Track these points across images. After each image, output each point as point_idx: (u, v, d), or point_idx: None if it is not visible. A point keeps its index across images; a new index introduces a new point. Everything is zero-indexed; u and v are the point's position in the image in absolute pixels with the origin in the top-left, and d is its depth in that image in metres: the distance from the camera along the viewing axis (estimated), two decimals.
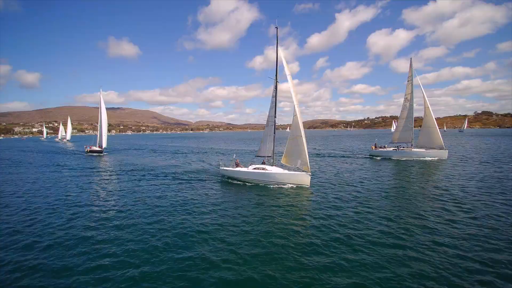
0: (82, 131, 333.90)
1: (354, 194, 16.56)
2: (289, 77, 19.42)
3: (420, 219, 12.07)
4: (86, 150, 49.41)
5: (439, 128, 35.63)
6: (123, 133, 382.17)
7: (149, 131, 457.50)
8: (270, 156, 21.60)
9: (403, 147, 37.01)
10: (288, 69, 19.60)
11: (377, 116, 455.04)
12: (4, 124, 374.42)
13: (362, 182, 20.15)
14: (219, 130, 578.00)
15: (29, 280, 7.89)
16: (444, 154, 33.75)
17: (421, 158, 33.93)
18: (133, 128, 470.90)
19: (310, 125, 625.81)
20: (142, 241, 10.26)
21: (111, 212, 13.97)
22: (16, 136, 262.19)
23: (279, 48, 20.55)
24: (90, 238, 10.56)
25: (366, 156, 38.43)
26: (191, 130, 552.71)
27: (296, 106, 19.36)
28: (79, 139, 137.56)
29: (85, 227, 11.83)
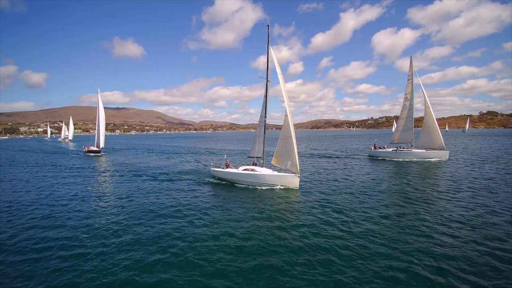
0: (87, 130, 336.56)
1: (345, 197, 15.94)
2: (280, 76, 18.88)
3: (414, 226, 11.45)
4: (84, 150, 49.37)
5: (441, 128, 34.81)
6: (127, 133, 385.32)
7: (153, 131, 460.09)
8: (260, 157, 21.07)
9: (403, 148, 36.20)
10: (279, 68, 19.03)
11: (381, 116, 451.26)
12: (10, 124, 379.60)
13: (356, 184, 19.47)
14: (222, 130, 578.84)
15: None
16: (445, 155, 32.88)
17: (421, 159, 33.10)
18: (137, 128, 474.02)
19: (313, 125, 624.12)
20: (120, 242, 9.83)
21: (98, 211, 13.64)
22: (21, 136, 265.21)
23: (270, 47, 19.98)
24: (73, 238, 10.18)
25: (364, 157, 37.63)
26: (194, 130, 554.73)
27: (287, 106, 18.79)
28: (82, 138, 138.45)
29: (66, 226, 11.46)
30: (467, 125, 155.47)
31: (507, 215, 12.32)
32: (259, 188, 18.53)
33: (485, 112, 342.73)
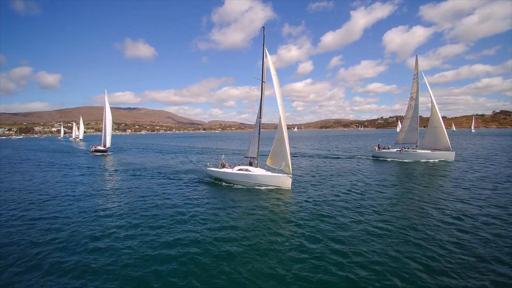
0: (100, 130, 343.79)
1: (341, 198, 15.71)
2: (274, 78, 18.76)
3: (410, 229, 11.19)
4: (91, 149, 50.50)
5: (448, 128, 33.84)
6: (138, 133, 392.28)
7: (163, 131, 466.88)
8: (254, 157, 21.09)
9: (407, 148, 35.41)
10: (274, 69, 18.93)
11: (391, 116, 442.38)
12: (25, 123, 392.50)
13: (352, 185, 19.15)
14: (231, 129, 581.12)
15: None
16: (450, 156, 31.96)
17: (426, 160, 32.31)
18: (147, 127, 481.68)
19: (322, 125, 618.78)
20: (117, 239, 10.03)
21: (98, 209, 14.03)
22: (35, 135, 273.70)
23: (265, 49, 19.82)
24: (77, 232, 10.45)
25: (368, 158, 36.99)
26: (203, 129, 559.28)
27: (280, 108, 18.68)
28: (92, 138, 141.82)
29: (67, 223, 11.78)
30: (473, 124, 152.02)
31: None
32: (252, 188, 18.57)
33: (498, 111, 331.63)
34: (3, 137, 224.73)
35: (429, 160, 32.06)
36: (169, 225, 11.90)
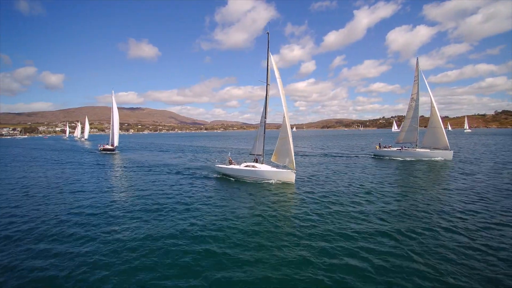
0: (103, 130, 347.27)
1: (341, 192, 16.90)
2: (278, 80, 20.15)
3: (408, 219, 12.36)
4: (99, 148, 52.03)
5: (444, 128, 34.85)
6: (140, 132, 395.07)
7: (165, 130, 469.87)
8: (260, 155, 22.51)
9: (407, 148, 36.53)
10: (278, 73, 20.29)
11: (393, 116, 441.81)
12: (30, 123, 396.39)
13: (353, 180, 20.38)
14: (233, 129, 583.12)
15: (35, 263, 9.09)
16: (449, 154, 33.02)
17: (425, 159, 33.38)
18: (150, 127, 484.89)
19: (324, 125, 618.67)
20: (129, 230, 11.30)
21: (117, 202, 15.31)
22: (39, 135, 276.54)
23: (269, 53, 21.18)
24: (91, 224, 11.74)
25: (369, 156, 38.13)
26: (206, 129, 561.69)
27: (284, 109, 20.01)
28: (97, 138, 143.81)
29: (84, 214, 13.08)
30: (466, 125, 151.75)
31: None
32: (259, 183, 20.01)
33: (500, 111, 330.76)
34: (8, 137, 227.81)
35: (429, 159, 33.14)
36: (191, 215, 13.15)
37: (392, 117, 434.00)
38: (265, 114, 21.89)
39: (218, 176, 22.96)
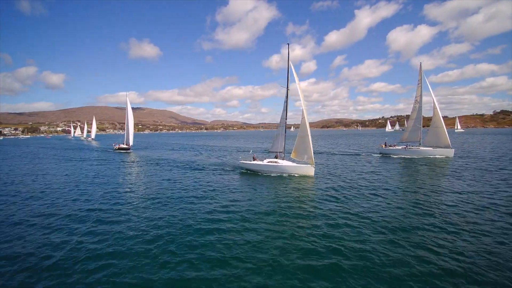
0: (103, 130, 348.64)
1: (353, 185, 19.12)
2: (298, 86, 22.55)
3: (419, 213, 14.55)
4: (114, 147, 54.19)
5: (450, 128, 37.09)
6: (141, 132, 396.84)
7: (166, 130, 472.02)
8: (281, 152, 25.06)
9: (411, 146, 38.80)
10: (298, 80, 22.69)
11: (393, 115, 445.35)
12: (31, 123, 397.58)
13: (362, 174, 22.68)
14: (233, 129, 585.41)
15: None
16: (450, 152, 35.32)
17: (427, 156, 35.64)
18: (150, 127, 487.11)
19: (323, 125, 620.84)
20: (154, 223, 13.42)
21: (145, 195, 17.32)
22: (41, 135, 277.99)
23: (290, 63, 23.62)
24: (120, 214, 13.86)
25: (375, 154, 40.42)
26: (206, 129, 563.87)
27: (304, 110, 22.28)
28: (103, 137, 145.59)
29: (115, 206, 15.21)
30: (458, 124, 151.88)
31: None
32: (281, 176, 22.60)
33: (498, 111, 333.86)
34: (11, 137, 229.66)
35: (431, 156, 35.42)
36: (222, 206, 15.28)
37: (391, 117, 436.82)
38: (286, 116, 24.33)
39: (242, 171, 25.33)
